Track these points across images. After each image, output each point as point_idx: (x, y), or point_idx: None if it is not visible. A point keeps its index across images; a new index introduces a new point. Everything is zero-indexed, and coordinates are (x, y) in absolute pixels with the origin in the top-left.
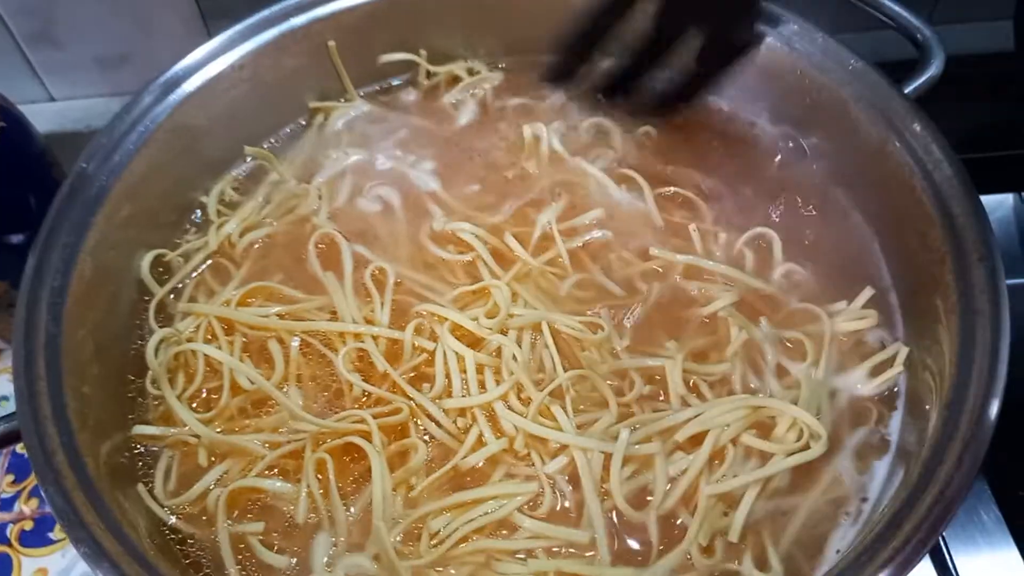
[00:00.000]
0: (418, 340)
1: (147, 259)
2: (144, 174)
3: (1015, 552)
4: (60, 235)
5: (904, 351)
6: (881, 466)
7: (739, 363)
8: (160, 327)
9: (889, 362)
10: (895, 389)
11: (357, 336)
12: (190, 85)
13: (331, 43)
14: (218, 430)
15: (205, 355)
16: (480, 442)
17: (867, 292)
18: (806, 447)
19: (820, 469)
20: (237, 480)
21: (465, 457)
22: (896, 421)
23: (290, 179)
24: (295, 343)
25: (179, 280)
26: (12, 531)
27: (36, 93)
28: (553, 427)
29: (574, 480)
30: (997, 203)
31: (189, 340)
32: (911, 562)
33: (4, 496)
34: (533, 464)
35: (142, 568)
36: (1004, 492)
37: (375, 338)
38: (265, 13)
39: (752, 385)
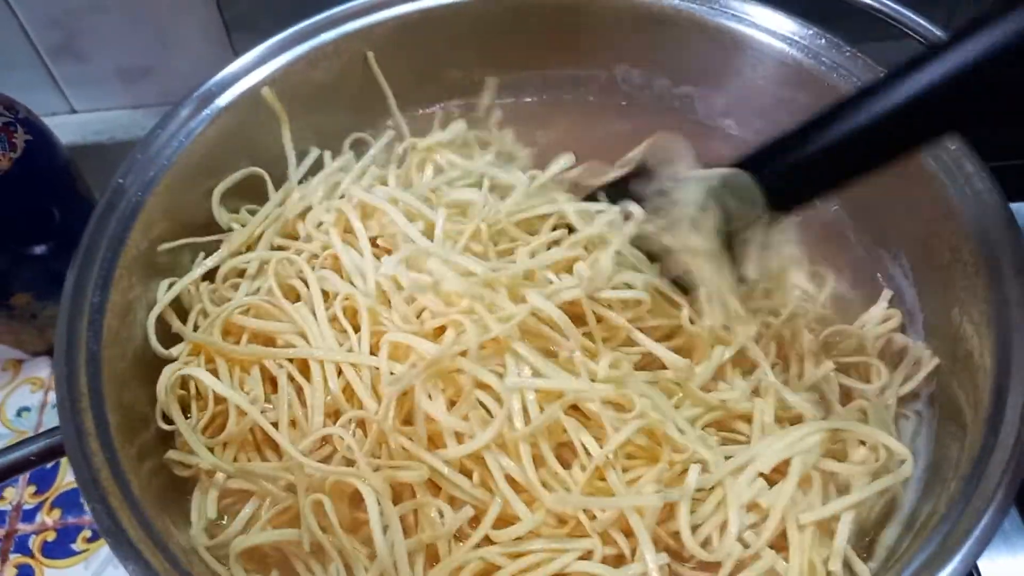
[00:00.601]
0: None
1: (163, 286)
2: (179, 189)
3: None
4: (98, 251)
5: (930, 357)
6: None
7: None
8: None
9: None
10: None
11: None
12: (223, 100)
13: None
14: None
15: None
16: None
17: (887, 294)
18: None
19: None
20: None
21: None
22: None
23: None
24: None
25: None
26: (35, 542)
27: (59, 105)
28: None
29: (626, 530)
30: None
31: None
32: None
33: (27, 507)
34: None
35: None
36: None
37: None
38: (297, 27)
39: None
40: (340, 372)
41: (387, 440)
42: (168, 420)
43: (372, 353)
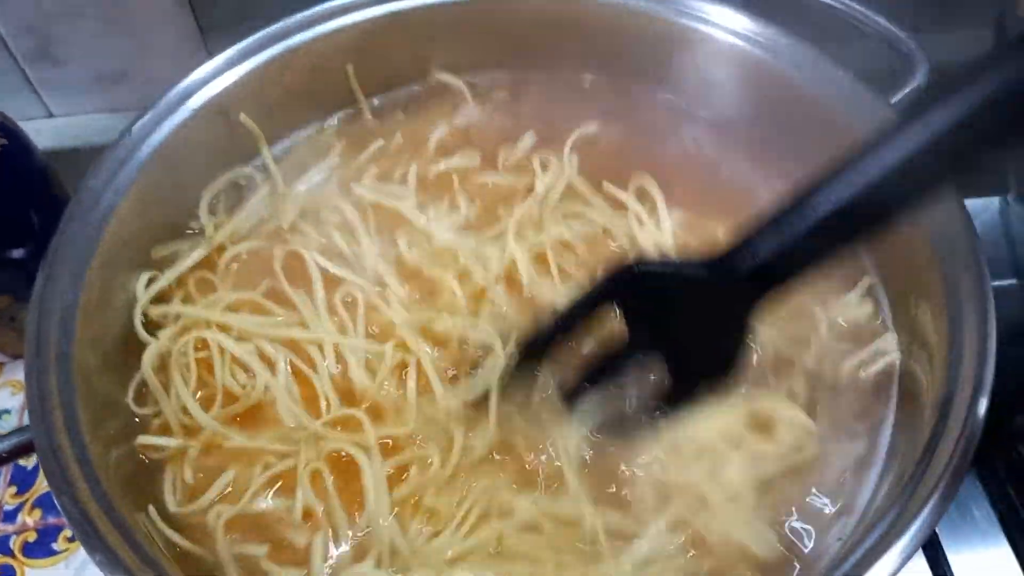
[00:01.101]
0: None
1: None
2: (150, 190)
3: (1007, 548)
4: (68, 250)
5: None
6: (876, 461)
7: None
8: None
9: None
10: (890, 390)
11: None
12: (195, 102)
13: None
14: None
15: (196, 361)
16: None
17: (865, 281)
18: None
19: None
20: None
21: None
22: (889, 418)
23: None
24: (282, 364)
25: (162, 285)
26: (15, 542)
27: (35, 110)
28: None
29: None
30: (982, 206)
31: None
32: (908, 556)
33: (7, 508)
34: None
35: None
36: (995, 489)
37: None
38: (269, 30)
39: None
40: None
41: None
42: (140, 405)
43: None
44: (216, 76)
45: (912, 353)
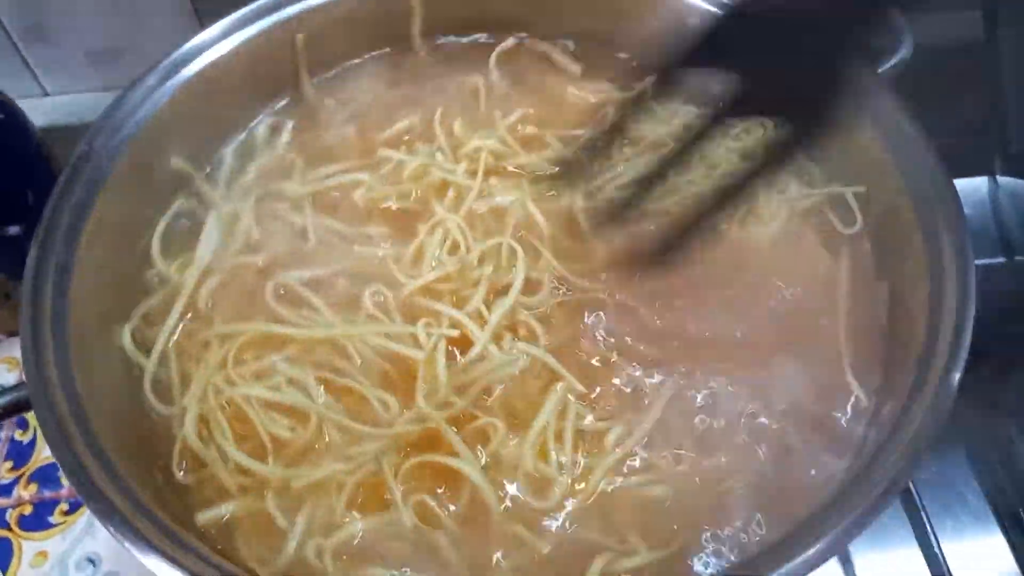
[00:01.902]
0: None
1: (127, 333)
2: (144, 156)
3: (999, 536)
4: (63, 214)
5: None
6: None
7: None
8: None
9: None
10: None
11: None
12: (189, 70)
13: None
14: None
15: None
16: None
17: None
18: None
19: None
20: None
21: None
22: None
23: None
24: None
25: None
26: (12, 516)
27: (30, 88)
28: None
29: None
30: (972, 186)
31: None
32: (878, 510)
33: (3, 482)
34: None
35: (152, 524)
36: (986, 472)
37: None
38: (261, 2)
39: None
40: None
41: None
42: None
43: None
44: (210, 46)
45: (897, 311)
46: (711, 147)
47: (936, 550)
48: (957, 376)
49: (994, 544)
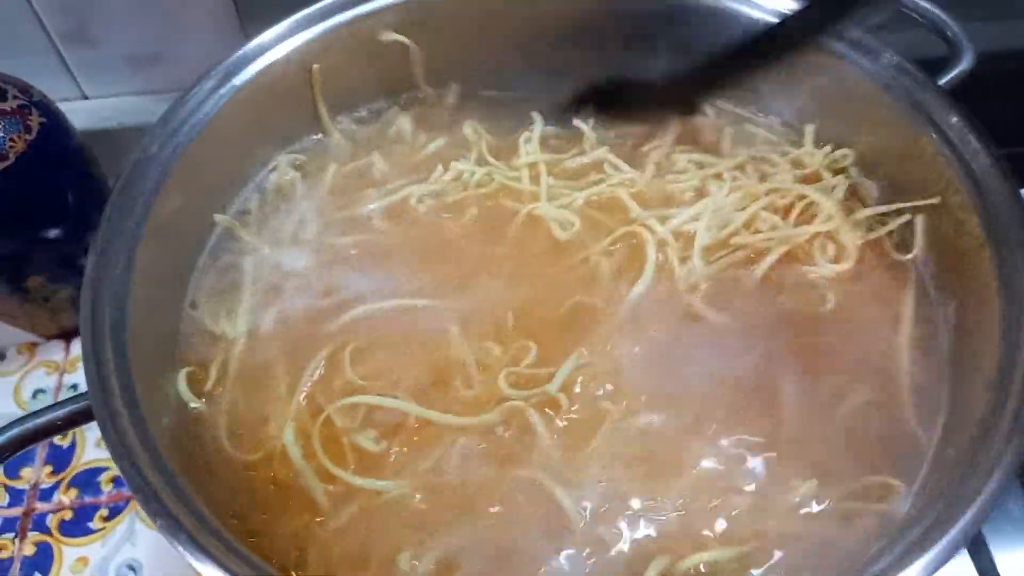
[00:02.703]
0: None
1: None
2: (200, 161)
3: None
4: (124, 219)
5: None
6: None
7: None
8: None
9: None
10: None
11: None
12: (240, 78)
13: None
14: None
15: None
16: None
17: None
18: None
19: None
20: None
21: None
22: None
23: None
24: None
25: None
26: (52, 521)
27: (70, 91)
28: None
29: None
30: None
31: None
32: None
33: (43, 487)
34: None
35: (219, 542)
36: None
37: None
38: (315, 7)
39: None
40: None
41: None
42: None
43: None
44: (263, 52)
45: (964, 336)
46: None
47: (987, 558)
48: None
49: None
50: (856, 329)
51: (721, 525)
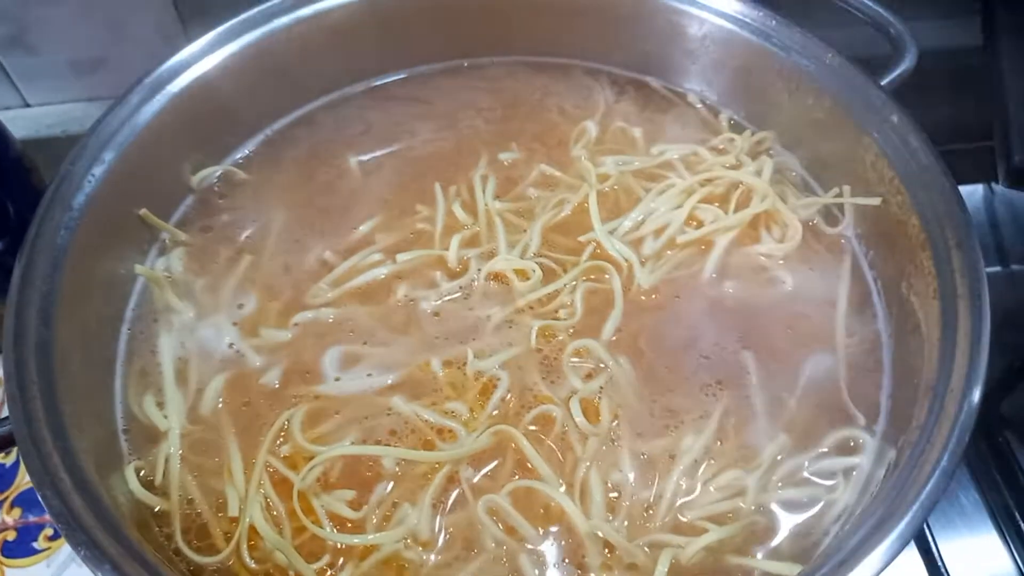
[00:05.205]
0: None
1: (131, 472)
2: (129, 174)
3: (994, 534)
4: (48, 237)
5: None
6: (870, 445)
7: None
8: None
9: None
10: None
11: None
12: (175, 86)
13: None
14: None
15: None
16: None
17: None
18: None
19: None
20: None
21: None
22: (884, 402)
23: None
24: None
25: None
26: None
27: (11, 99)
28: None
29: None
30: (968, 193)
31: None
32: (907, 540)
33: None
34: None
35: (144, 570)
36: (981, 476)
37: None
38: (249, 14)
39: None
40: None
41: None
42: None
43: None
44: (196, 60)
45: (906, 337)
46: None
47: (933, 548)
48: (978, 393)
49: (990, 543)
50: (804, 305)
51: (712, 509)
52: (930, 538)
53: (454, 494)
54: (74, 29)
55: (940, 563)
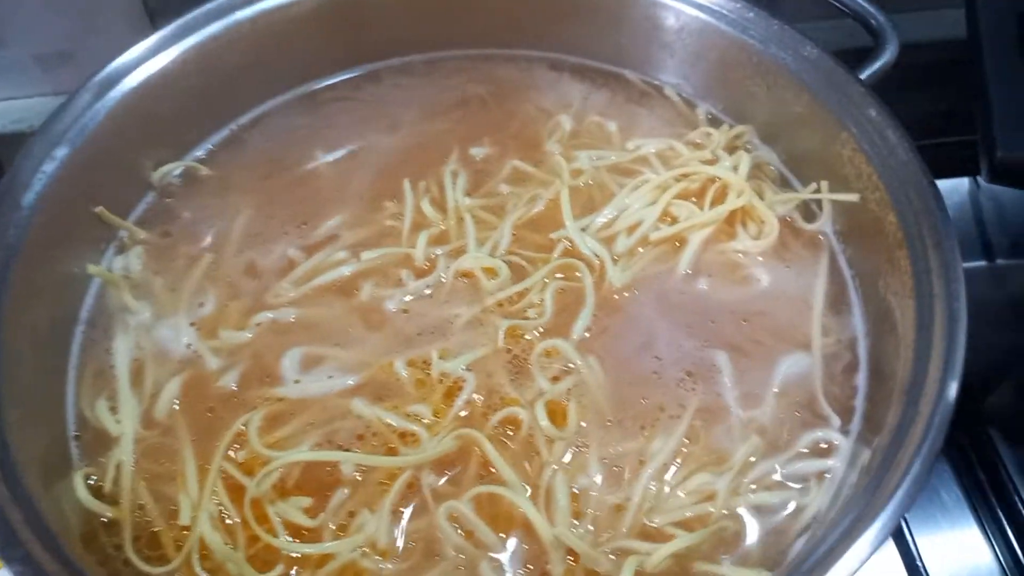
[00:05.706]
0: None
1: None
2: (84, 171)
3: (975, 529)
4: None
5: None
6: (844, 447)
7: None
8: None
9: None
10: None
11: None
12: (131, 81)
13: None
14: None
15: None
16: None
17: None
18: None
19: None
20: None
21: None
22: (859, 404)
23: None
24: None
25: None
26: None
27: None
28: None
29: None
30: (952, 188)
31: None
32: (877, 546)
33: None
34: None
35: None
36: (963, 471)
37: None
38: (208, 7)
39: None
40: None
41: None
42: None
43: None
44: (153, 55)
45: (883, 335)
46: None
47: (911, 543)
48: (955, 388)
49: (970, 537)
50: (780, 303)
51: (681, 514)
52: (908, 533)
53: (415, 501)
54: (41, 23)
55: (918, 559)
